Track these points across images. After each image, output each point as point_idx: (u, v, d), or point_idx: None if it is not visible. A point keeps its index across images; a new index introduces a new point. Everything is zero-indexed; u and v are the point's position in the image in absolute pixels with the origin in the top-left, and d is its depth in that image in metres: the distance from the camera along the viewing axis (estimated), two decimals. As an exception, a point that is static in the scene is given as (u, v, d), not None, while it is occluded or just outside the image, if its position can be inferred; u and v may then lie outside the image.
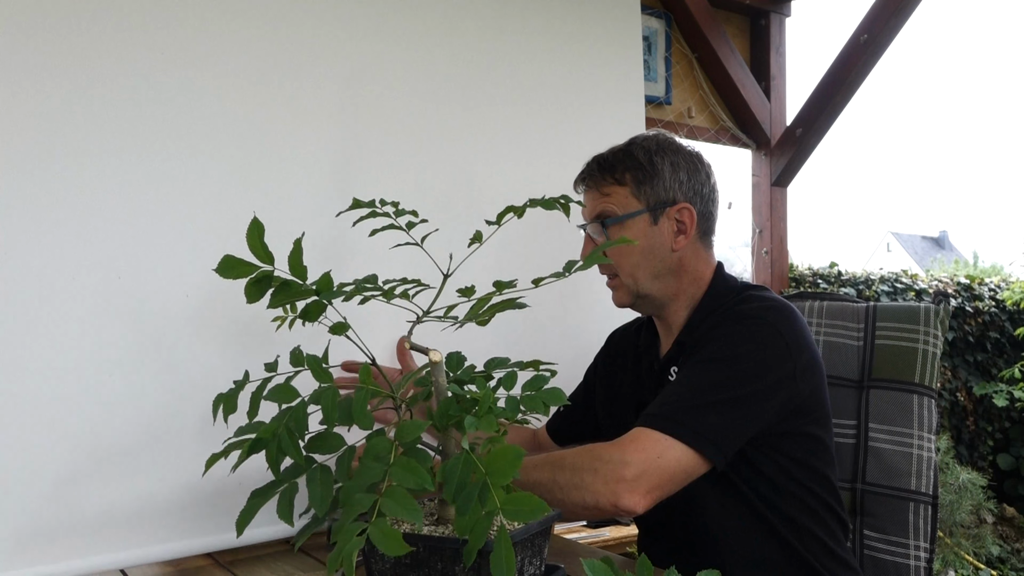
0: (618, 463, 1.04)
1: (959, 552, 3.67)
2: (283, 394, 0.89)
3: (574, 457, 1.08)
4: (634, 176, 1.27)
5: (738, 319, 1.19)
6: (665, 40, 3.12)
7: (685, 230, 1.28)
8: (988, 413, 4.62)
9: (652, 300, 1.30)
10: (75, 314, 1.19)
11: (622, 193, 1.28)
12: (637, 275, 1.28)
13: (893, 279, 4.56)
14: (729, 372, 1.12)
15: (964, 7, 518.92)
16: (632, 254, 1.27)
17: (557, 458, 1.09)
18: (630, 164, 1.28)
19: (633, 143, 1.31)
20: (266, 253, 0.86)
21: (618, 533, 2.71)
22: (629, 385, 1.39)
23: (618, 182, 1.28)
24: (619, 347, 1.47)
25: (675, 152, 1.29)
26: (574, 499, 1.05)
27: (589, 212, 1.32)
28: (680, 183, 1.28)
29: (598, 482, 1.04)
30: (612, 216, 1.27)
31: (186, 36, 1.31)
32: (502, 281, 0.98)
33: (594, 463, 1.06)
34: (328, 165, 1.43)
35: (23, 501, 1.14)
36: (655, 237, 1.28)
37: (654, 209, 1.27)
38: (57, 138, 1.20)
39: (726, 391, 1.11)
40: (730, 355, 1.14)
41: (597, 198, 1.30)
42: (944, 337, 1.46)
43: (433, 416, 0.90)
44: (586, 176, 1.33)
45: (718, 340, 1.17)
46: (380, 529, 0.71)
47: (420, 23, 1.55)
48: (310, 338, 1.14)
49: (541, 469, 1.08)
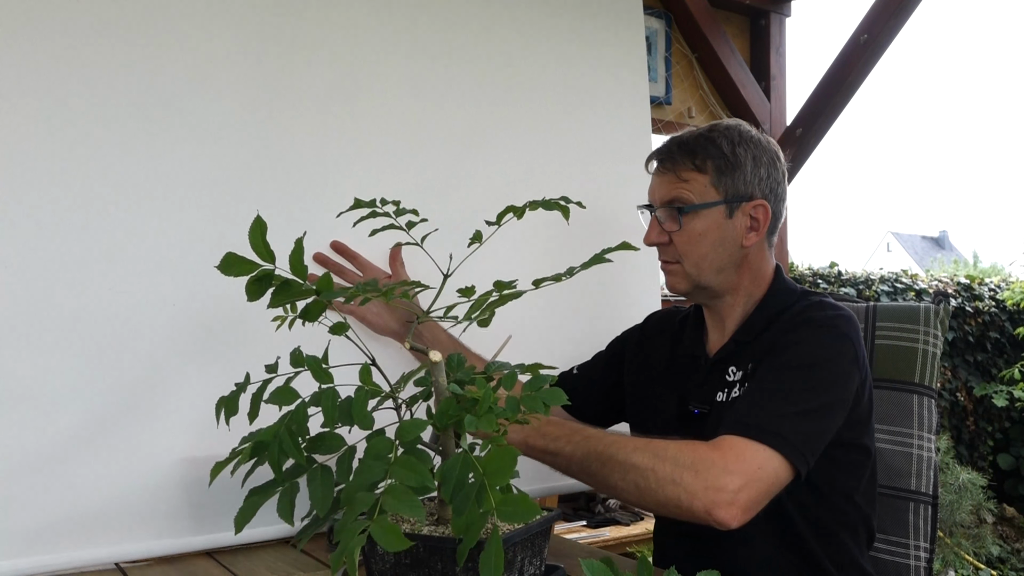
0: (721, 470, 1.01)
1: (959, 552, 3.67)
2: (283, 396, 0.89)
3: (676, 451, 1.04)
4: (716, 165, 1.22)
5: (815, 325, 1.16)
6: (665, 40, 3.12)
7: (757, 227, 1.25)
8: (988, 413, 4.62)
9: (709, 291, 1.27)
10: (76, 312, 1.19)
11: (701, 181, 1.23)
12: (702, 266, 1.24)
13: (893, 279, 4.56)
14: (814, 379, 1.11)
15: (964, 7, 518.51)
16: (701, 244, 1.23)
17: (660, 447, 1.06)
18: (713, 152, 1.23)
19: (715, 130, 1.26)
20: (268, 252, 0.86)
21: (618, 533, 2.71)
22: (663, 373, 1.35)
23: (698, 169, 1.23)
24: (656, 331, 1.43)
25: (757, 145, 1.25)
26: (668, 494, 1.02)
27: (661, 195, 1.26)
28: (760, 179, 1.24)
29: (698, 483, 1.00)
30: (688, 204, 1.23)
31: (185, 37, 1.31)
32: (502, 281, 0.98)
33: (696, 463, 1.02)
34: (328, 165, 1.43)
35: (21, 495, 1.14)
36: (727, 230, 1.24)
37: (731, 202, 1.23)
38: (57, 139, 1.20)
39: (814, 399, 1.09)
40: (812, 362, 1.13)
41: (673, 182, 1.24)
42: (944, 337, 1.46)
43: (433, 416, 0.91)
44: (664, 157, 1.27)
45: (797, 345, 1.15)
46: (381, 526, 0.71)
47: (421, 24, 1.55)
48: (309, 339, 1.14)
49: (641, 453, 1.05)
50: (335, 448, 0.88)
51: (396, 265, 1.41)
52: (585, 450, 1.09)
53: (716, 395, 1.23)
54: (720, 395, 1.22)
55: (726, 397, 1.21)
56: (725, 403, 1.20)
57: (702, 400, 1.25)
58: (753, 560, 1.18)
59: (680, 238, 1.24)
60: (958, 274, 5.22)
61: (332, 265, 1.39)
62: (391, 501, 0.74)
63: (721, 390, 1.22)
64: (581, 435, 1.12)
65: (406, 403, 0.97)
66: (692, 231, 1.22)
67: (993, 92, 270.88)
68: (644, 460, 1.04)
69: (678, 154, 1.24)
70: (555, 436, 1.12)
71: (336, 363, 0.95)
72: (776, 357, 1.15)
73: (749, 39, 3.44)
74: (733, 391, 1.21)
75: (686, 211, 1.23)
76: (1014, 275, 5.54)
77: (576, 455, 1.10)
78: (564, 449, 1.11)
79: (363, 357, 0.98)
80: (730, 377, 1.23)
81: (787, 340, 1.16)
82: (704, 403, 1.24)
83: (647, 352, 1.41)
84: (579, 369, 1.51)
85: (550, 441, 1.12)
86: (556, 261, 1.64)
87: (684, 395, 1.28)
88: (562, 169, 1.70)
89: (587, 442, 1.10)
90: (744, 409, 1.09)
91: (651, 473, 1.03)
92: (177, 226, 1.28)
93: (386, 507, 0.74)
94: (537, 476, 1.34)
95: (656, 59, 3.09)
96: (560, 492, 1.82)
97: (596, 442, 1.09)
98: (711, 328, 1.32)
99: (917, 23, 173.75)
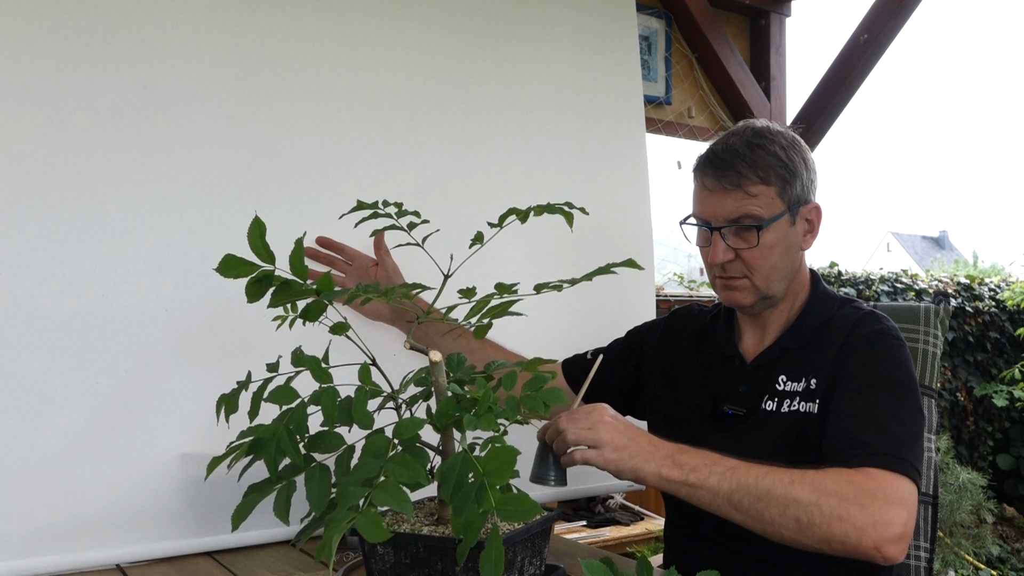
0: (883, 503, 0.99)
1: (959, 552, 3.67)
2: (283, 395, 0.90)
3: (836, 483, 1.00)
4: (779, 175, 1.19)
5: (890, 338, 1.17)
6: (665, 40, 3.12)
7: (813, 229, 1.25)
8: (988, 413, 4.62)
9: (772, 301, 1.25)
10: (75, 312, 1.19)
11: (769, 194, 1.19)
12: (772, 278, 1.22)
13: (893, 279, 4.56)
14: (909, 396, 1.12)
15: (964, 7, 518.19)
16: (771, 255, 1.20)
17: (816, 479, 1.01)
18: (773, 162, 1.19)
19: (765, 136, 1.21)
20: (267, 252, 0.86)
21: (618, 533, 2.71)
22: (691, 371, 1.33)
23: (764, 181, 1.19)
24: (681, 328, 1.41)
25: (801, 146, 1.24)
26: (834, 530, 0.98)
27: (727, 212, 1.20)
28: (811, 181, 1.24)
29: (866, 519, 0.97)
30: (760, 219, 1.19)
31: (185, 38, 1.31)
32: (504, 283, 0.98)
33: (860, 497, 0.99)
34: (329, 166, 1.43)
35: (21, 497, 1.14)
36: (792, 238, 1.22)
37: (792, 209, 1.21)
38: (57, 140, 1.20)
39: (919, 418, 1.11)
40: (901, 378, 1.13)
41: (741, 199, 1.19)
42: (944, 337, 1.46)
43: (433, 416, 0.91)
44: (726, 171, 1.20)
45: (885, 362, 1.15)
46: (366, 517, 0.72)
47: (420, 25, 1.55)
48: (310, 339, 1.14)
49: (800, 486, 1.00)
50: (334, 447, 0.88)
51: (381, 253, 1.42)
52: (733, 483, 1.03)
53: (762, 401, 1.21)
54: (769, 403, 1.20)
55: (776, 407, 1.19)
56: (776, 412, 1.19)
57: (739, 403, 1.23)
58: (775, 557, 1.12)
59: (751, 253, 1.20)
60: (958, 274, 5.22)
61: (323, 257, 1.41)
62: (381, 495, 0.75)
63: (771, 398, 1.21)
64: (724, 465, 1.05)
65: (406, 403, 0.97)
66: (764, 245, 1.20)
67: (993, 92, 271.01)
68: (806, 494, 1.00)
69: (742, 167, 1.19)
70: (694, 466, 1.05)
71: (336, 363, 0.95)
72: (868, 374, 1.14)
73: (749, 39, 3.44)
74: (791, 403, 1.19)
75: (765, 227, 1.19)
76: (1014, 275, 5.55)
77: (722, 488, 1.03)
78: (707, 481, 1.04)
79: (363, 357, 0.98)
80: (780, 386, 1.21)
81: (870, 356, 1.15)
82: (741, 406, 1.23)
83: (671, 350, 1.39)
84: (593, 355, 1.47)
85: (689, 472, 1.05)
86: (558, 260, 1.65)
87: (718, 395, 1.26)
88: (561, 169, 1.70)
89: (733, 473, 1.04)
90: (870, 437, 1.06)
91: (815, 508, 0.99)
92: (177, 226, 1.28)
93: (376, 501, 0.74)
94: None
95: (656, 59, 3.09)
96: (560, 499, 1.82)
97: (744, 474, 1.04)
98: (748, 330, 1.30)
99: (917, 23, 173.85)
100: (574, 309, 1.68)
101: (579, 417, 1.09)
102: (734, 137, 1.23)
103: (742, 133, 1.23)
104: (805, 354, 1.22)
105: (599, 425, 1.07)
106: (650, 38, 3.08)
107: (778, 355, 1.24)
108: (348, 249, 1.41)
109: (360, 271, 1.39)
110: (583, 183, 1.72)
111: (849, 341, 1.18)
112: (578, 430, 1.07)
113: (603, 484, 1.72)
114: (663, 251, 3.49)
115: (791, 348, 1.23)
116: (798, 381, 1.20)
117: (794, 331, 1.24)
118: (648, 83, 3.07)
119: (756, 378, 1.24)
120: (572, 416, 1.10)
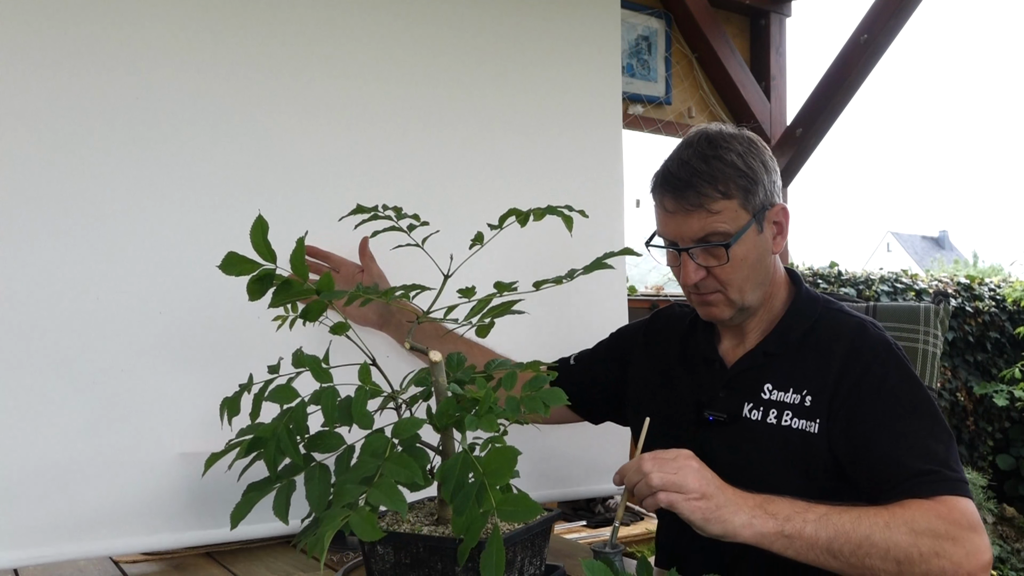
0: (969, 532, 1.01)
1: (959, 552, 3.66)
2: (283, 394, 0.90)
3: (927, 520, 1.01)
4: (739, 186, 1.14)
5: (894, 351, 1.15)
6: (665, 40, 3.12)
7: (782, 231, 1.21)
8: (988, 413, 4.63)
9: (750, 311, 1.22)
10: (75, 312, 1.20)
11: (731, 207, 1.14)
12: (746, 289, 1.18)
13: (893, 279, 4.56)
14: (935, 410, 1.12)
15: (964, 7, 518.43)
16: (742, 268, 1.16)
17: (909, 518, 1.01)
18: (731, 172, 1.14)
19: (718, 145, 1.16)
20: (269, 251, 0.86)
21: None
22: (676, 375, 1.30)
23: (725, 195, 1.14)
24: (664, 330, 1.38)
25: (758, 148, 1.19)
26: (933, 567, 0.99)
27: (691, 232, 1.16)
28: (772, 183, 1.18)
29: (960, 553, 0.99)
30: (727, 235, 1.14)
31: (186, 38, 1.31)
32: (503, 283, 0.98)
33: (951, 530, 1.00)
34: (329, 168, 1.43)
35: (23, 498, 1.14)
36: (762, 245, 1.18)
37: (758, 216, 1.16)
38: (57, 141, 1.20)
39: (946, 429, 1.12)
40: (923, 394, 1.13)
41: (704, 218, 1.14)
42: (944, 337, 1.46)
43: (433, 416, 0.91)
44: (684, 191, 1.15)
45: (905, 380, 1.13)
46: (360, 515, 0.72)
47: (419, 27, 1.55)
48: (310, 339, 1.14)
49: (897, 529, 1.00)
50: (334, 447, 0.88)
51: (365, 259, 1.41)
52: (831, 531, 1.00)
53: (742, 407, 1.18)
54: (754, 412, 1.18)
55: (762, 416, 1.17)
56: (763, 423, 1.16)
57: (720, 408, 1.20)
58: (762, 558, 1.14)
59: (722, 269, 1.16)
60: (958, 274, 5.22)
61: (310, 266, 1.38)
62: (376, 494, 0.75)
63: (755, 406, 1.18)
64: (815, 512, 1.02)
65: (407, 403, 0.97)
66: (735, 259, 1.15)
67: (993, 92, 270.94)
68: (903, 537, 1.00)
69: (701, 185, 1.14)
70: (787, 516, 1.02)
71: (336, 363, 0.95)
72: (895, 397, 1.11)
73: (749, 39, 3.44)
74: (784, 417, 1.15)
75: (733, 244, 1.14)
76: (1014, 275, 5.55)
77: (820, 537, 1.00)
78: (804, 531, 1.01)
79: (363, 358, 0.98)
80: (766, 395, 1.17)
81: (886, 376, 1.13)
82: (722, 412, 1.20)
83: (655, 353, 1.36)
84: (577, 360, 1.46)
85: (783, 522, 1.01)
86: (558, 260, 1.64)
87: (700, 401, 1.23)
88: (562, 167, 1.70)
89: (828, 520, 1.01)
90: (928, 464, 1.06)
91: (914, 549, 0.99)
92: (176, 227, 1.28)
93: (372, 499, 0.75)
94: (538, 479, 1.33)
95: (656, 59, 3.10)
96: (561, 499, 1.81)
97: (839, 519, 1.01)
98: (728, 337, 1.27)
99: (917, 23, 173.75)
100: (543, 313, 1.60)
101: (665, 460, 1.04)
102: (688, 150, 1.18)
103: (696, 144, 1.18)
104: (793, 363, 1.18)
105: (686, 471, 1.03)
106: (650, 38, 3.08)
107: (762, 361, 1.20)
108: (334, 257, 1.40)
109: (347, 279, 1.38)
110: (558, 184, 1.69)
111: (853, 359, 1.14)
112: (665, 474, 1.02)
113: (603, 487, 1.72)
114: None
115: (777, 354, 1.19)
116: (786, 391, 1.17)
117: (778, 335, 1.21)
118: (648, 83, 3.07)
119: (737, 383, 1.21)
120: (658, 458, 1.04)
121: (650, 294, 3.26)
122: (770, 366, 1.19)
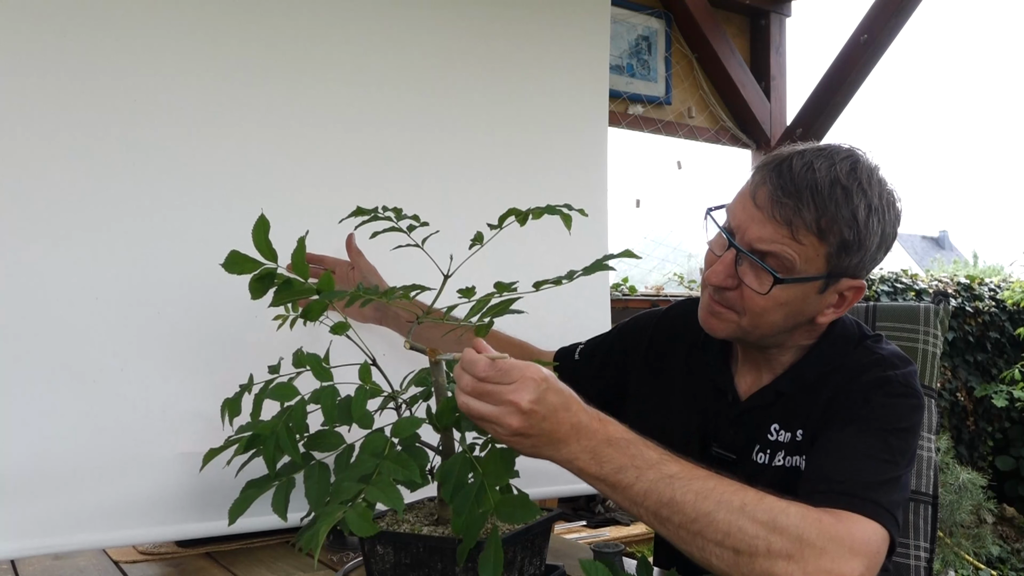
0: (847, 552, 0.84)
1: (959, 552, 3.67)
2: (283, 392, 0.90)
3: (798, 522, 0.85)
4: (842, 241, 0.97)
5: (895, 385, 1.02)
6: (665, 40, 3.12)
7: (842, 305, 1.04)
8: (988, 413, 4.63)
9: (756, 345, 1.10)
10: (76, 311, 1.20)
11: (818, 253, 0.98)
12: (763, 327, 1.03)
13: (893, 279, 4.56)
14: (902, 446, 0.98)
15: (964, 7, 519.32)
16: (774, 310, 1.01)
17: (777, 511, 0.86)
18: (844, 219, 0.96)
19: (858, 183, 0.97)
20: (270, 250, 0.86)
21: (618, 533, 2.71)
22: (680, 393, 1.21)
23: (821, 236, 0.97)
24: (671, 337, 1.27)
25: (891, 215, 1.01)
26: (778, 569, 0.83)
27: (754, 237, 0.99)
28: (873, 258, 1.01)
29: (824, 563, 0.83)
30: (787, 271, 0.98)
31: (187, 39, 1.31)
32: (503, 282, 0.98)
33: (822, 542, 0.84)
34: (329, 168, 1.43)
35: (22, 497, 1.14)
36: (810, 304, 1.02)
37: (832, 278, 1.00)
38: (57, 142, 1.20)
39: (901, 467, 0.97)
40: (899, 428, 0.99)
41: (781, 236, 0.97)
42: (944, 337, 1.46)
43: (433, 416, 0.91)
44: (786, 200, 0.97)
45: (883, 408, 0.99)
46: (356, 512, 0.73)
47: (413, 31, 1.55)
48: (309, 339, 1.14)
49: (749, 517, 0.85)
50: (334, 446, 0.88)
51: (353, 255, 1.39)
52: (667, 495, 0.86)
53: (752, 450, 1.09)
54: (761, 455, 1.08)
55: (769, 460, 1.07)
56: (768, 466, 1.07)
57: (728, 447, 1.12)
58: None
59: (754, 297, 1.00)
60: (958, 274, 5.21)
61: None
62: (374, 491, 0.75)
63: (763, 449, 1.08)
64: (659, 471, 0.87)
65: (406, 403, 0.97)
66: (774, 298, 1.00)
67: (993, 92, 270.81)
68: (754, 528, 0.84)
69: (806, 207, 0.96)
70: (619, 466, 0.87)
71: (336, 363, 0.95)
72: (856, 414, 1.00)
73: (749, 39, 3.44)
74: (780, 457, 1.07)
75: (787, 282, 0.98)
76: (1014, 275, 5.54)
77: (650, 498, 0.86)
78: (633, 486, 0.87)
79: (363, 358, 0.98)
80: (773, 436, 1.08)
81: (867, 400, 1.01)
82: (730, 451, 1.11)
83: (662, 352, 1.27)
84: (581, 355, 1.37)
85: (612, 472, 0.87)
86: (559, 260, 1.64)
87: (706, 432, 1.14)
88: (559, 167, 1.70)
89: (669, 483, 0.86)
90: (845, 476, 0.93)
91: (761, 543, 0.84)
92: (177, 226, 1.28)
93: (369, 497, 0.75)
94: (538, 478, 1.33)
95: (656, 59, 3.10)
96: (560, 495, 1.81)
97: (684, 486, 0.86)
98: (744, 364, 1.15)
99: (917, 23, 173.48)
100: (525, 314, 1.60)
101: (492, 392, 0.86)
102: (823, 160, 0.99)
103: (837, 161, 0.99)
104: (798, 402, 1.08)
105: (507, 407, 0.85)
106: (650, 38, 3.09)
107: (772, 399, 1.09)
108: (327, 259, 1.39)
109: (342, 278, 1.37)
110: (548, 184, 1.68)
111: (844, 387, 1.03)
112: (483, 407, 0.84)
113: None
114: (663, 251, 3.49)
115: (787, 393, 1.09)
116: (789, 431, 1.07)
117: (794, 374, 1.09)
118: (648, 83, 3.07)
119: (747, 421, 1.11)
120: (485, 384, 0.85)
121: (650, 294, 3.26)
122: (779, 405, 1.09)
